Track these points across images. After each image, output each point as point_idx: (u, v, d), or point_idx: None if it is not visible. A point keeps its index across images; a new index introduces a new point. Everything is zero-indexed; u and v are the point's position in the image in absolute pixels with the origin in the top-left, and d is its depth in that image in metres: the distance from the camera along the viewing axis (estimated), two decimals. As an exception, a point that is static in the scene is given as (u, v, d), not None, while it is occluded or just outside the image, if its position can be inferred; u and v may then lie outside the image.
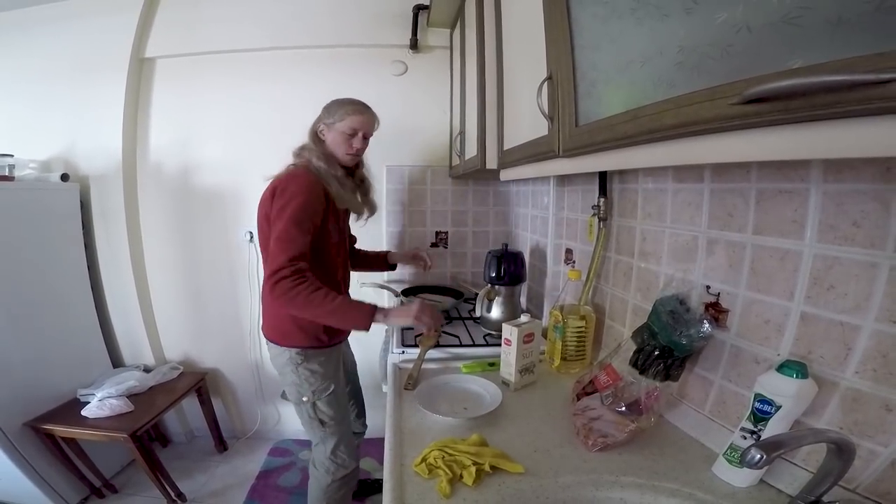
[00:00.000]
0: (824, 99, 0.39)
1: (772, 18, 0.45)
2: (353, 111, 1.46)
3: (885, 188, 0.64)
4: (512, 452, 0.94)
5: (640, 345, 0.98)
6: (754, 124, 0.48)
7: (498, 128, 1.39)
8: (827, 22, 0.40)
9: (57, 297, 2.13)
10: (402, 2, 2.24)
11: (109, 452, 2.18)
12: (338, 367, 1.56)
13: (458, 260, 2.48)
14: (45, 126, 2.32)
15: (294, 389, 1.50)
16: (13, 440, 1.81)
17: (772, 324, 0.82)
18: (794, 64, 0.43)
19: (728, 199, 0.91)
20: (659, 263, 1.13)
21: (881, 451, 0.66)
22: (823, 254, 0.73)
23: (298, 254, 1.28)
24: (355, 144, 1.48)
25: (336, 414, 1.52)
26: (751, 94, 0.43)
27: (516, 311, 1.67)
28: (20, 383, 1.89)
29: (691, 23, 0.56)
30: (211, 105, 2.32)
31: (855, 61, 0.37)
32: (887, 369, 0.65)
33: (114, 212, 2.32)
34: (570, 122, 0.88)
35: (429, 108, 2.34)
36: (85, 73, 2.26)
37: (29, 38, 2.31)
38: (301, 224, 1.31)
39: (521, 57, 1.18)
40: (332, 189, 1.42)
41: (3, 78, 2.34)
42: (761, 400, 0.77)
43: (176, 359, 2.51)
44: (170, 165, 2.36)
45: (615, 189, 1.32)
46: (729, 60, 0.50)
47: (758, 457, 0.52)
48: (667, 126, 0.60)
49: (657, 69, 0.63)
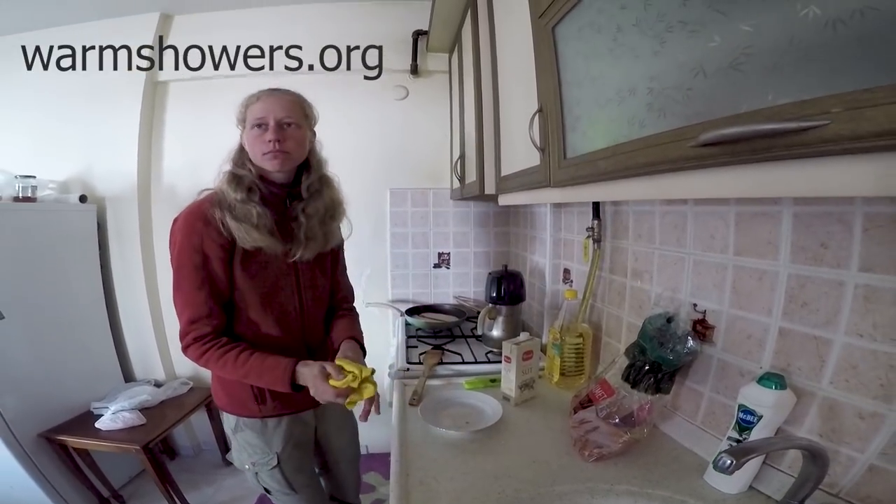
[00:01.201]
0: (761, 144, 0.44)
1: (722, 64, 0.50)
2: (253, 100, 1.15)
3: (847, 210, 0.70)
4: (512, 463, 0.99)
5: (632, 360, 1.03)
6: (710, 165, 0.53)
7: (495, 154, 1.43)
8: (764, 69, 0.45)
9: (73, 314, 2.21)
10: (403, 27, 2.33)
11: (118, 464, 2.24)
12: (287, 440, 1.25)
13: (460, 280, 2.53)
14: (63, 146, 2.41)
15: (236, 455, 1.32)
16: (28, 450, 1.87)
17: (754, 339, 0.88)
18: (742, 108, 0.48)
19: (710, 222, 0.97)
20: (650, 283, 1.18)
21: (858, 457, 0.70)
22: (797, 273, 0.79)
23: (195, 317, 1.10)
24: (268, 136, 1.09)
25: (282, 487, 1.27)
26: (702, 140, 0.49)
27: (517, 329, 1.71)
28: (36, 396, 1.96)
29: (658, 65, 0.61)
30: (220, 128, 2.31)
31: (784, 108, 0.43)
32: (858, 379, 0.70)
33: (129, 233, 2.41)
34: (559, 154, 0.93)
35: (430, 131, 2.42)
36: (102, 94, 2.35)
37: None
38: (187, 277, 1.09)
39: (515, 85, 1.22)
40: (229, 223, 1.09)
41: (24, 97, 2.43)
42: (744, 410, 0.82)
43: (186, 374, 2.57)
44: (182, 188, 2.44)
45: (608, 211, 1.38)
46: (689, 104, 0.55)
47: (728, 462, 0.57)
48: (640, 164, 0.65)
49: (631, 109, 0.68)
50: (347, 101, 2.37)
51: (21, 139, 2.45)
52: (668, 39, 0.58)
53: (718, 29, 0.50)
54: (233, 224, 1.08)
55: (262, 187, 1.16)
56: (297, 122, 1.15)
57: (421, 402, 1.29)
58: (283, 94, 1.17)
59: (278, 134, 1.11)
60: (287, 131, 1.13)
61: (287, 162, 1.14)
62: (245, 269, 1.13)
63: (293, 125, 1.14)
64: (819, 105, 0.39)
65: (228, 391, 1.23)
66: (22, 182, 2.11)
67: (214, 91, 2.39)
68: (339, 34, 2.35)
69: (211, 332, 1.11)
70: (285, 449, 1.25)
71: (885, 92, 0.35)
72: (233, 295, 1.15)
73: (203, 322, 1.10)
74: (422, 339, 1.90)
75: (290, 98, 1.17)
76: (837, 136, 0.38)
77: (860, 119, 0.36)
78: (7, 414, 1.82)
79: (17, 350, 1.91)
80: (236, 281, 1.14)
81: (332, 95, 2.32)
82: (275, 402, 1.22)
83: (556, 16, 0.88)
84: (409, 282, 2.51)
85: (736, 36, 0.48)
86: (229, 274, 1.13)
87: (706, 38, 0.52)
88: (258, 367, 1.09)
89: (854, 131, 0.37)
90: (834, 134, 0.38)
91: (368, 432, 1.82)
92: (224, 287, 1.13)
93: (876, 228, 0.67)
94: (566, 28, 0.87)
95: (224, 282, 1.12)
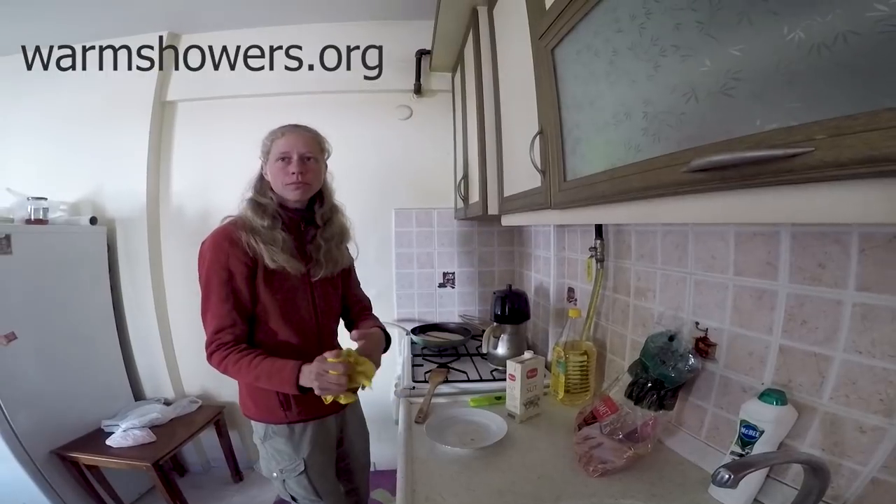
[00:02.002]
0: (749, 171, 0.45)
1: (712, 88, 0.51)
2: (279, 134, 1.29)
3: (843, 230, 0.72)
4: (517, 479, 1.01)
5: (635, 378, 1.05)
6: (702, 190, 0.54)
7: (498, 175, 1.45)
8: (753, 94, 0.46)
9: (84, 334, 2.24)
10: (405, 47, 2.36)
11: (129, 480, 2.24)
12: (313, 446, 1.34)
13: (465, 299, 2.53)
14: (73, 167, 2.45)
15: (264, 464, 1.38)
16: (40, 466, 1.90)
17: (755, 356, 0.89)
18: (734, 134, 0.49)
19: (710, 242, 0.99)
20: (653, 301, 1.19)
21: (861, 470, 0.71)
22: (796, 292, 0.80)
23: (220, 327, 1.21)
24: (291, 170, 1.25)
25: (308, 494, 1.34)
26: (692, 166, 0.50)
27: (521, 347, 1.70)
28: (48, 414, 1.99)
29: (653, 89, 0.63)
30: (226, 149, 2.42)
31: (771, 134, 0.44)
32: (858, 395, 0.71)
33: (138, 255, 2.44)
34: (559, 177, 0.95)
35: (434, 150, 2.44)
36: (110, 115, 2.39)
37: (56, 82, 2.43)
38: (215, 291, 1.21)
39: (517, 107, 1.24)
40: (256, 245, 1.22)
41: (34, 120, 2.48)
42: (746, 426, 0.83)
43: (195, 393, 2.58)
44: (190, 209, 2.48)
45: (610, 231, 1.40)
46: (682, 128, 0.57)
47: (726, 476, 0.58)
48: (636, 188, 0.67)
49: (627, 132, 0.70)
50: (352, 122, 2.40)
51: (32, 160, 2.49)
52: (662, 63, 0.60)
53: (709, 53, 0.52)
54: (260, 246, 1.22)
55: (282, 214, 1.30)
56: (315, 156, 1.30)
57: (426, 419, 1.30)
58: (304, 130, 1.32)
59: (301, 167, 1.26)
60: (307, 164, 1.28)
61: (307, 192, 1.30)
62: (267, 284, 1.26)
63: (312, 159, 1.29)
64: (804, 132, 0.40)
65: (255, 400, 1.32)
66: (34, 204, 2.15)
67: (221, 111, 2.44)
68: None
69: (232, 340, 1.21)
70: (311, 455, 1.34)
71: (866, 119, 0.35)
72: (255, 308, 1.26)
73: (227, 331, 1.21)
74: (427, 358, 1.90)
75: (311, 135, 1.33)
76: (822, 163, 0.39)
77: (842, 146, 0.37)
78: (20, 431, 1.84)
79: (30, 369, 1.95)
80: (259, 295, 1.25)
81: (337, 117, 2.36)
82: (299, 408, 1.30)
83: (556, 38, 0.90)
84: (415, 301, 2.52)
85: (726, 60, 0.49)
86: (251, 289, 1.25)
87: (698, 62, 0.54)
88: (268, 369, 1.18)
89: (837, 158, 0.37)
90: (818, 161, 0.39)
91: (376, 449, 1.81)
92: (246, 301, 1.24)
93: (872, 249, 0.68)
94: (565, 50, 0.89)
95: (247, 297, 1.24)
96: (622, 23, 0.69)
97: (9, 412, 1.81)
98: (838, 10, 0.37)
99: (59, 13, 2.14)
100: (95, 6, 2.11)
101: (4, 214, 2.11)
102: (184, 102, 2.47)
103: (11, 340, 1.86)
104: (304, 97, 2.39)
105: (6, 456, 1.81)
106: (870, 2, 0.35)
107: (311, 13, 2.32)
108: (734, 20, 0.48)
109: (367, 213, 2.36)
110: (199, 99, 2.45)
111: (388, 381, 2.09)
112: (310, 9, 2.29)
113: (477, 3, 1.59)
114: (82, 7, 2.11)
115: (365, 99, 2.43)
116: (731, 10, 0.48)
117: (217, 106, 2.45)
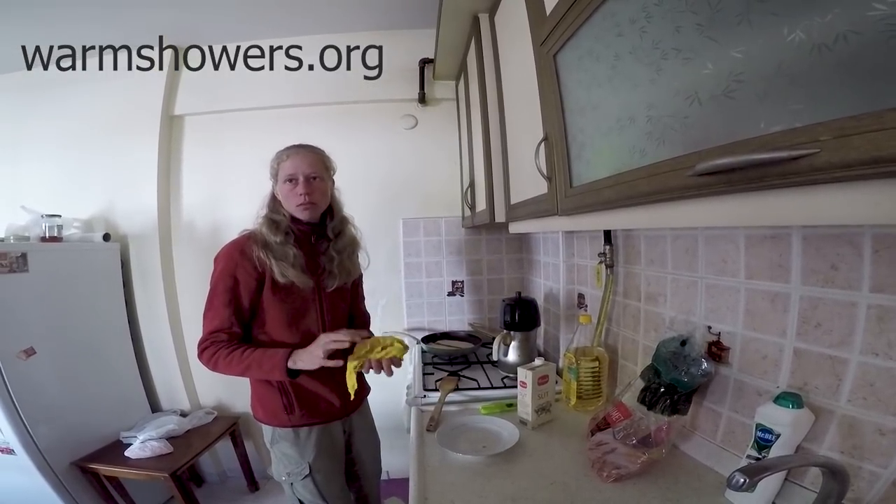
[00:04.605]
0: (755, 173, 0.45)
1: (715, 91, 0.51)
2: (284, 157, 1.34)
3: (856, 231, 0.70)
4: (530, 485, 1.00)
5: (648, 383, 1.04)
6: (708, 194, 0.54)
7: (504, 182, 1.45)
8: (755, 96, 0.46)
9: (101, 349, 2.27)
10: (408, 57, 2.37)
11: (147, 491, 2.26)
12: (318, 450, 1.36)
13: (474, 307, 2.52)
14: (85, 185, 2.47)
15: (274, 467, 1.41)
16: (62, 478, 1.92)
17: (769, 359, 0.88)
18: (738, 136, 0.48)
19: (721, 246, 0.98)
20: (664, 306, 1.18)
21: (881, 473, 0.70)
22: (809, 295, 0.79)
23: (218, 327, 1.26)
24: (299, 191, 1.30)
25: (315, 498, 1.36)
26: (697, 170, 0.50)
27: (532, 354, 1.70)
28: (68, 426, 2.01)
29: (655, 93, 0.63)
30: (235, 161, 2.45)
31: (776, 136, 0.43)
32: (876, 397, 0.70)
33: (151, 270, 2.46)
34: (565, 183, 0.95)
35: (440, 159, 2.44)
36: (119, 130, 2.42)
37: (66, 98, 2.48)
38: (219, 295, 1.27)
39: (521, 114, 1.24)
40: (266, 259, 1.28)
41: (44, 137, 2.51)
42: (762, 429, 0.82)
43: (210, 404, 2.59)
44: (201, 223, 2.51)
45: (619, 237, 1.39)
46: (686, 132, 0.57)
47: (742, 480, 0.57)
48: (642, 193, 0.66)
49: (631, 137, 0.70)
50: (358, 132, 2.41)
51: (44, 178, 2.51)
52: (664, 67, 0.60)
53: (711, 55, 0.52)
54: (271, 261, 1.27)
55: (294, 229, 1.36)
56: (320, 175, 1.36)
57: (438, 427, 1.29)
58: (308, 151, 1.37)
59: (307, 188, 1.32)
60: (313, 184, 1.33)
61: (315, 211, 1.36)
62: (275, 294, 1.31)
63: (318, 178, 1.35)
64: (809, 133, 0.40)
65: (262, 402, 1.37)
66: (48, 221, 2.18)
67: (229, 124, 2.46)
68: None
69: (227, 339, 1.27)
70: (317, 459, 1.36)
71: (870, 119, 0.35)
72: (252, 318, 1.32)
73: (223, 332, 1.27)
74: (438, 366, 1.90)
75: (315, 156, 1.37)
76: (828, 164, 0.38)
77: (848, 147, 0.36)
78: (41, 443, 1.87)
79: (50, 382, 1.97)
80: (266, 304, 1.31)
81: (344, 128, 2.39)
82: (301, 411, 1.35)
83: (557, 43, 0.90)
84: (424, 310, 2.51)
85: (727, 62, 0.49)
86: (253, 302, 1.30)
87: (699, 64, 0.54)
88: (259, 357, 1.24)
89: (843, 159, 0.37)
90: (824, 162, 0.38)
91: (388, 457, 1.81)
92: (245, 310, 1.30)
93: (886, 249, 0.67)
94: (567, 56, 0.89)
95: (246, 306, 1.30)
96: (623, 27, 0.69)
97: (30, 425, 1.84)
98: (837, 10, 0.37)
99: (61, 29, 2.19)
100: (96, 22, 2.15)
101: (20, 232, 2.14)
102: (191, 116, 2.49)
103: (31, 356, 1.89)
104: (310, 109, 2.41)
105: (29, 468, 1.84)
106: (869, 1, 0.34)
107: (313, 24, 2.34)
108: (734, 22, 0.48)
109: (376, 224, 2.36)
110: (206, 113, 2.47)
111: (399, 390, 2.09)
112: (311, 20, 2.30)
113: (478, 11, 1.59)
114: (84, 22, 2.15)
115: (371, 109, 2.44)
116: (730, 11, 0.48)
117: (224, 119, 2.47)
